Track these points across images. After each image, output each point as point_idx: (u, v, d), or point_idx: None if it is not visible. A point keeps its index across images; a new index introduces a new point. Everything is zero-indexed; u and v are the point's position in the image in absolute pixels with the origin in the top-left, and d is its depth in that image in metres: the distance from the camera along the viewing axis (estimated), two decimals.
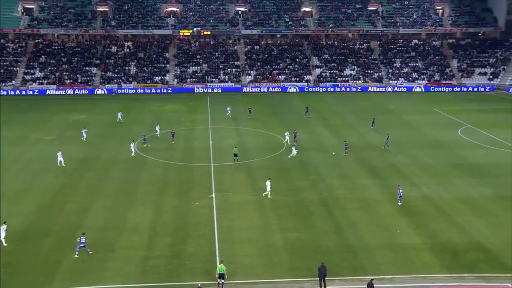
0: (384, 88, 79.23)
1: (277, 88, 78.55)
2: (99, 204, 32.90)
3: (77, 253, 26.24)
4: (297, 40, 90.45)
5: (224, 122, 56.53)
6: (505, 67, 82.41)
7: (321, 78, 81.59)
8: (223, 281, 23.63)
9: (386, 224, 30.03)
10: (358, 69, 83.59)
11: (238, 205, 32.86)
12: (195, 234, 28.95)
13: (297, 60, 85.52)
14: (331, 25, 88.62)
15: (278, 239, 28.45)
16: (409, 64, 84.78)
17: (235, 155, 40.97)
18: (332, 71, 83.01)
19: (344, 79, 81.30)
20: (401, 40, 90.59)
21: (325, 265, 24.31)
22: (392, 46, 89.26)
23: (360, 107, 66.08)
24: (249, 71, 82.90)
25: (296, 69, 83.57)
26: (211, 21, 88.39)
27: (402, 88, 79.31)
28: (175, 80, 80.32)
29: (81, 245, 26.34)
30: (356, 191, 35.31)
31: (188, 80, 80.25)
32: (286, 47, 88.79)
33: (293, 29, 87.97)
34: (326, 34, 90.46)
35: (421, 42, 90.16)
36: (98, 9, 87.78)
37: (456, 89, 78.91)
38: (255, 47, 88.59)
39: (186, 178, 37.61)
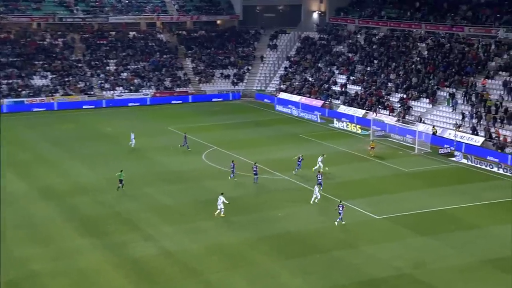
0: (95, 104, 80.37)
1: None
2: None
3: None
4: None
5: None
6: (250, 67, 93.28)
7: None
8: None
9: None
10: (54, 76, 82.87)
11: None
12: None
13: None
14: (1, 9, 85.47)
15: None
16: (129, 67, 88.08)
17: (120, 181, 42.26)
18: (10, 81, 79.90)
19: (32, 91, 79.35)
20: (113, 33, 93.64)
21: None
22: (101, 41, 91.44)
23: (63, 132, 65.66)
24: None
25: None
26: None
27: (122, 101, 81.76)
28: None
29: None
30: (64, 261, 34.56)
31: None
32: None
33: None
34: None
35: (142, 35, 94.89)
36: None
37: (194, 99, 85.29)
38: None
39: None
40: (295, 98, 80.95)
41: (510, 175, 50.72)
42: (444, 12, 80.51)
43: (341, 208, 39.51)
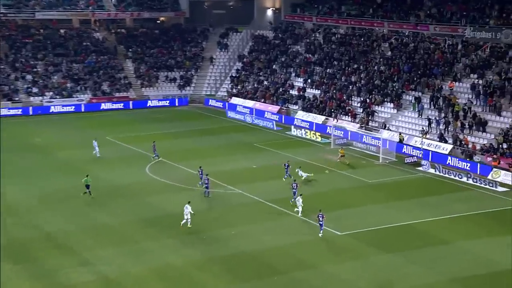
0: (22, 110, 79.38)
1: None
2: None
3: None
4: None
5: None
6: (198, 69, 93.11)
7: None
8: None
9: None
10: None
11: None
12: None
13: None
14: None
15: None
16: (60, 69, 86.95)
17: (87, 186, 46.28)
18: None
19: None
20: (41, 30, 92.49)
21: None
22: (27, 40, 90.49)
23: None
24: None
25: None
26: None
27: (55, 107, 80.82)
28: None
29: None
30: None
31: None
32: None
33: None
34: None
35: (74, 32, 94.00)
36: None
37: (135, 105, 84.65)
38: None
39: None
40: (249, 103, 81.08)
41: (480, 185, 51.62)
42: (408, 9, 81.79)
43: (321, 218, 40.01)
